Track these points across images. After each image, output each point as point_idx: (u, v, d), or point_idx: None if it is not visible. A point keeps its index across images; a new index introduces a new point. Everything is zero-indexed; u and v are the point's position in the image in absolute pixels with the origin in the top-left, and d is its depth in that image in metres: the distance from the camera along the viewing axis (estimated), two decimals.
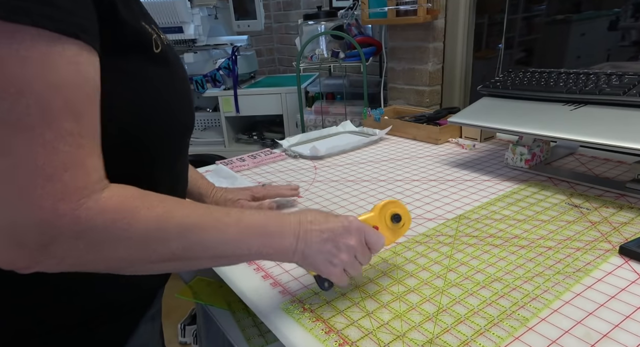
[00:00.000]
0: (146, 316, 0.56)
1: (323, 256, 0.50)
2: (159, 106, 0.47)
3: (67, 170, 0.35)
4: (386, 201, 0.58)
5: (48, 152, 0.35)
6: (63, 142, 0.35)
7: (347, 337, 0.50)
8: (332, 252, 0.50)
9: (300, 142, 1.27)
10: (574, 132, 0.77)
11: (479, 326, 0.50)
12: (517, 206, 0.79)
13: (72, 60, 0.36)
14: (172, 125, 0.50)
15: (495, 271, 0.60)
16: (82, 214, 0.36)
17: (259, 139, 2.13)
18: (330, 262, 0.51)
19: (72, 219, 0.35)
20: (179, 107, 0.51)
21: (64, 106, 0.36)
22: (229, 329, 0.90)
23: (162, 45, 0.48)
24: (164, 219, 0.40)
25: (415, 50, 1.56)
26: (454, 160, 1.05)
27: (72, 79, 0.36)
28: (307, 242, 0.50)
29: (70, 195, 0.35)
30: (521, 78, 0.97)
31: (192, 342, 1.62)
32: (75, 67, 0.36)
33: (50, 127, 0.35)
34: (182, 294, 0.91)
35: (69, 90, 0.36)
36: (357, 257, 0.52)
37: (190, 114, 0.55)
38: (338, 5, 2.07)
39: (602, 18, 1.21)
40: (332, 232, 0.51)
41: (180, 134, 0.53)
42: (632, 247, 0.62)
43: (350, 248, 0.51)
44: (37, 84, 0.34)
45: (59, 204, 0.35)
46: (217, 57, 2.07)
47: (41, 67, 0.34)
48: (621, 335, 0.48)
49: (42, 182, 0.34)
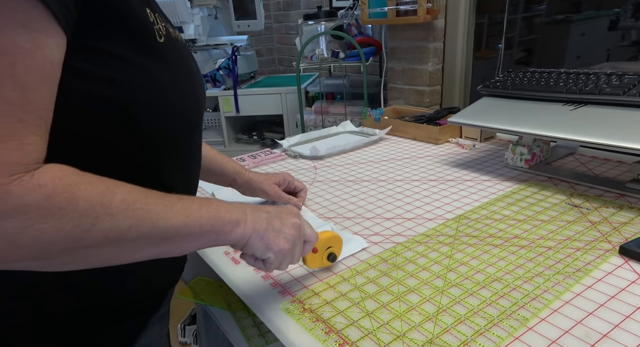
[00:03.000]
0: (156, 315, 0.56)
1: (273, 230, 0.50)
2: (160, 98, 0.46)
3: (2, 143, 0.32)
4: (333, 234, 0.61)
5: None
6: (1, 112, 0.32)
7: (347, 337, 0.50)
8: (281, 229, 0.51)
9: (300, 142, 1.27)
10: (574, 132, 0.77)
11: (479, 326, 0.50)
12: (517, 206, 0.79)
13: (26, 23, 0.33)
14: (175, 120, 0.49)
15: (495, 271, 0.60)
16: (14, 189, 0.32)
17: (259, 139, 2.13)
18: (283, 237, 0.50)
19: (1, 195, 0.32)
20: (182, 100, 0.49)
21: (7, 72, 0.33)
22: (229, 329, 0.90)
23: (166, 36, 0.46)
24: (108, 194, 0.37)
25: (415, 50, 1.56)
26: (454, 160, 1.05)
27: (23, 44, 0.33)
28: (256, 216, 0.49)
29: (2, 168, 0.32)
30: (521, 78, 0.97)
31: (192, 342, 1.62)
32: (30, 33, 0.33)
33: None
34: (182, 294, 0.91)
35: (17, 55, 0.33)
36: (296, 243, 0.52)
37: (196, 109, 0.53)
38: (338, 5, 2.07)
39: (602, 18, 1.21)
40: (277, 210, 0.52)
41: (185, 129, 0.52)
42: (632, 247, 0.62)
43: (296, 225, 0.52)
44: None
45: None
46: (217, 57, 2.07)
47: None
48: (621, 335, 0.48)
49: None
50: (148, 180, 0.47)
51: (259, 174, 0.83)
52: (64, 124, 0.39)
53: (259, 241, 0.49)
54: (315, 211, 0.83)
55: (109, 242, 0.37)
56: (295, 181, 0.86)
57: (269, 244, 0.50)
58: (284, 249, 0.50)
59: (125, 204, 0.38)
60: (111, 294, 0.50)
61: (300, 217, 0.54)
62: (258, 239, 0.49)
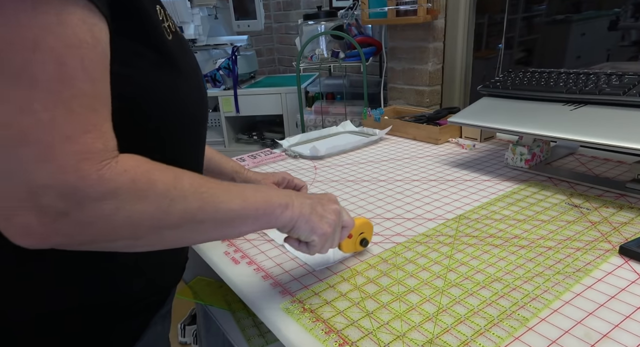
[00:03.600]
0: (159, 313, 0.56)
1: (318, 214, 0.54)
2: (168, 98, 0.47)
3: (86, 132, 0.34)
4: (365, 221, 0.64)
5: (66, 111, 0.33)
6: (79, 103, 0.34)
7: (347, 337, 0.50)
8: (323, 214, 0.54)
9: (300, 142, 1.27)
10: (574, 132, 0.77)
11: (479, 326, 0.50)
12: (517, 206, 0.79)
13: (86, 20, 0.35)
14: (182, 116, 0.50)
15: (495, 271, 0.60)
16: (106, 173, 0.34)
17: (259, 139, 2.13)
18: (325, 220, 0.54)
19: (96, 180, 0.34)
20: (188, 96, 0.50)
21: (80, 65, 0.34)
22: (229, 329, 0.90)
23: (173, 34, 0.47)
24: (178, 179, 0.40)
25: (415, 50, 1.56)
26: (454, 160, 1.05)
27: (88, 39, 0.35)
28: (301, 201, 0.52)
29: (92, 156, 0.34)
30: (521, 78, 0.97)
31: (192, 342, 1.62)
32: (89, 28, 0.35)
33: (66, 85, 0.33)
34: (182, 294, 0.91)
35: (85, 50, 0.34)
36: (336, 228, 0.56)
37: (203, 105, 0.55)
38: (338, 5, 2.07)
39: (602, 18, 1.21)
40: (318, 197, 0.56)
41: (191, 125, 0.52)
42: (632, 247, 0.62)
43: (337, 211, 0.56)
44: (53, 40, 0.33)
45: (81, 165, 0.33)
46: (217, 57, 2.07)
47: (57, 24, 0.33)
48: (621, 335, 0.48)
49: (61, 143, 0.33)
50: None
51: (257, 174, 0.83)
52: None
53: (305, 224, 0.52)
54: None
55: (184, 223, 0.40)
56: (294, 179, 0.85)
57: (314, 227, 0.53)
58: (327, 232, 0.54)
59: (193, 187, 0.41)
60: (118, 292, 0.50)
61: (339, 204, 0.58)
62: (304, 222, 0.52)
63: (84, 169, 0.33)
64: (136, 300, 0.52)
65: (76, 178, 0.33)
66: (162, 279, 0.56)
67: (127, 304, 0.51)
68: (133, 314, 0.52)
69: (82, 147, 0.34)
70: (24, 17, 0.32)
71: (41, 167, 0.32)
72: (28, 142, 0.32)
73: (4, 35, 0.32)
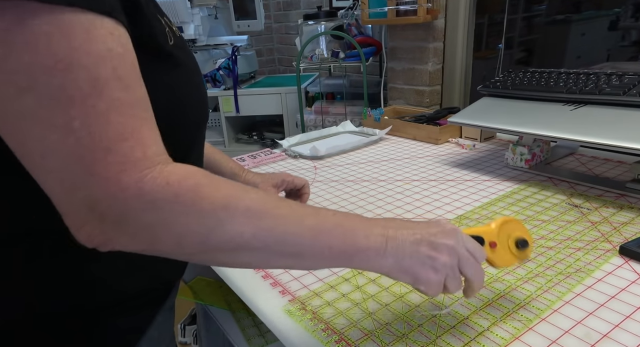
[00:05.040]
0: (164, 306, 0.56)
1: (419, 258, 0.42)
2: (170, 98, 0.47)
3: (124, 141, 0.35)
4: (508, 218, 0.50)
5: (103, 123, 0.34)
6: (116, 112, 0.35)
7: (348, 338, 0.50)
8: (430, 255, 0.42)
9: (300, 142, 1.27)
10: (574, 132, 0.77)
11: (481, 327, 0.50)
12: (518, 206, 0.79)
13: (112, 32, 0.36)
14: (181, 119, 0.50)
15: (496, 271, 0.60)
16: (146, 186, 0.35)
17: (259, 139, 2.13)
18: (429, 266, 0.42)
19: (136, 192, 0.35)
20: (193, 101, 0.51)
21: (112, 75, 0.35)
22: (229, 329, 0.91)
23: (175, 38, 0.48)
24: (231, 200, 0.38)
25: (415, 50, 1.56)
26: (454, 160, 1.05)
27: (116, 49, 0.36)
28: (399, 242, 0.42)
29: (132, 166, 0.35)
30: (521, 78, 0.97)
31: (192, 342, 1.62)
32: (117, 38, 0.36)
33: (101, 97, 0.34)
34: (182, 294, 0.91)
35: (115, 59, 0.35)
36: (461, 265, 0.44)
37: (204, 108, 0.55)
38: (338, 5, 2.06)
39: (602, 18, 1.21)
40: (427, 232, 0.43)
41: (190, 128, 0.53)
42: (632, 247, 0.62)
43: (451, 249, 0.43)
44: (84, 57, 0.34)
45: (121, 176, 0.34)
46: (217, 57, 2.07)
47: (85, 40, 0.34)
48: (621, 335, 0.48)
49: (102, 155, 0.34)
50: None
51: (257, 175, 0.82)
52: None
53: (402, 274, 0.43)
54: None
55: (235, 247, 0.38)
56: (295, 179, 0.84)
57: (416, 276, 0.43)
58: (432, 281, 0.43)
59: (250, 212, 0.38)
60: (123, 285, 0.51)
61: (457, 235, 0.45)
62: (401, 271, 0.43)
63: (123, 180, 0.34)
64: (141, 292, 0.52)
65: (117, 190, 0.34)
66: (166, 272, 0.56)
67: (131, 299, 0.52)
68: (138, 309, 0.52)
69: (121, 157, 0.34)
70: (56, 43, 0.33)
71: (90, 182, 0.34)
72: (75, 160, 0.34)
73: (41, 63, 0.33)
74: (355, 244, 0.41)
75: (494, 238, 0.48)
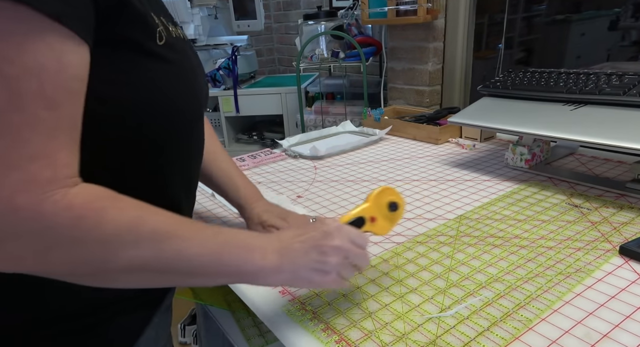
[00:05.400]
0: (161, 307, 0.56)
1: (311, 266, 0.47)
2: (159, 101, 0.46)
3: (34, 161, 0.33)
4: (379, 189, 0.55)
5: (14, 138, 0.33)
6: (33, 130, 0.33)
7: (348, 338, 0.50)
8: (319, 260, 0.47)
9: (300, 142, 1.27)
10: (574, 132, 0.77)
11: (481, 327, 0.50)
12: (518, 206, 0.79)
13: (54, 46, 0.34)
14: (176, 122, 0.49)
15: (497, 272, 0.60)
16: (47, 208, 0.33)
17: (259, 139, 2.13)
18: (321, 271, 0.47)
19: (33, 214, 0.33)
20: (183, 103, 0.49)
21: (38, 92, 0.33)
22: (229, 329, 0.91)
23: (167, 37, 0.47)
24: (136, 223, 0.38)
25: (415, 50, 1.56)
26: (454, 160, 1.05)
27: (52, 65, 0.34)
28: (292, 257, 0.46)
29: (34, 187, 0.33)
30: (521, 78, 0.97)
31: (192, 342, 1.62)
32: (57, 54, 0.35)
33: (19, 112, 0.33)
34: (182, 294, 0.91)
35: (45, 75, 0.34)
36: (350, 258, 0.49)
37: (198, 110, 0.53)
38: (338, 5, 2.06)
39: (602, 18, 1.21)
40: (313, 240, 0.48)
41: (187, 131, 0.52)
42: (632, 247, 0.62)
43: (337, 249, 0.48)
44: (9, 68, 0.33)
45: (17, 196, 0.32)
46: (217, 57, 2.07)
47: (16, 52, 0.33)
48: (621, 335, 0.48)
49: (3, 171, 0.32)
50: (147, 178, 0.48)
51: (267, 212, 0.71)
52: None
53: (299, 283, 0.48)
54: (315, 211, 0.83)
55: (135, 269, 0.38)
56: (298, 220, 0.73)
57: (311, 282, 0.48)
58: (326, 282, 0.48)
59: (154, 235, 0.39)
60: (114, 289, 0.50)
61: (340, 233, 0.49)
62: (297, 282, 0.48)
63: (18, 201, 0.33)
64: (138, 293, 0.52)
65: (8, 210, 0.32)
66: None
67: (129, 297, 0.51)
68: (134, 307, 0.52)
69: (26, 175, 0.33)
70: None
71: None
72: None
73: None
74: (253, 264, 0.44)
75: (372, 213, 0.53)
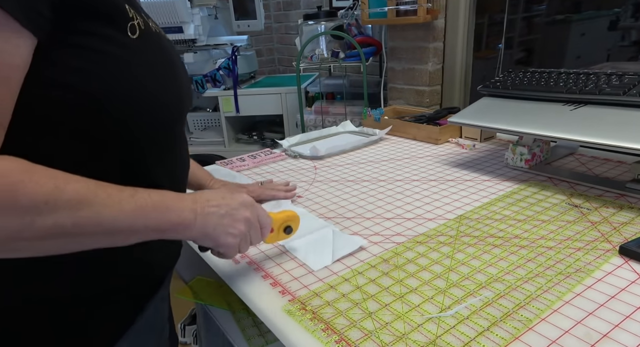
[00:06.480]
0: (156, 297, 0.57)
1: (222, 228, 0.52)
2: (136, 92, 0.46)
3: None
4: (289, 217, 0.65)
5: None
6: None
7: (348, 338, 0.50)
8: (231, 225, 0.53)
9: (300, 142, 1.27)
10: (574, 132, 0.77)
11: (481, 327, 0.50)
12: (518, 206, 0.79)
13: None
14: (154, 113, 0.49)
15: (497, 272, 0.60)
16: None
17: (259, 139, 2.13)
18: (229, 234, 0.53)
19: None
20: (162, 95, 0.50)
21: None
22: (229, 329, 0.90)
23: (140, 31, 0.47)
24: (55, 192, 0.39)
25: (415, 50, 1.56)
26: (454, 160, 1.05)
27: None
28: (206, 217, 0.51)
29: None
30: (521, 78, 0.97)
31: (192, 342, 1.62)
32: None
33: None
34: (182, 294, 0.91)
35: None
36: (250, 231, 0.56)
37: (177, 103, 0.54)
38: (338, 5, 2.07)
39: (602, 18, 1.21)
40: (229, 207, 0.54)
41: (166, 123, 0.52)
42: (632, 247, 0.62)
43: (247, 220, 0.55)
44: None
45: None
46: (217, 57, 2.07)
47: None
48: (621, 335, 0.48)
49: None
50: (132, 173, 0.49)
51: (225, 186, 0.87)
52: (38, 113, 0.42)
53: (207, 240, 0.53)
54: (315, 211, 0.83)
55: (52, 237, 0.39)
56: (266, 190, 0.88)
57: (217, 241, 0.53)
58: (230, 244, 0.54)
59: (71, 202, 0.40)
60: (112, 274, 0.51)
61: (253, 208, 0.57)
62: (206, 238, 0.52)
63: None
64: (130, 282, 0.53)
65: None
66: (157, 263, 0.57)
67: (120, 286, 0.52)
68: (126, 296, 0.53)
69: None
70: None
71: None
72: None
73: None
74: (169, 221, 0.47)
75: (274, 226, 0.63)
